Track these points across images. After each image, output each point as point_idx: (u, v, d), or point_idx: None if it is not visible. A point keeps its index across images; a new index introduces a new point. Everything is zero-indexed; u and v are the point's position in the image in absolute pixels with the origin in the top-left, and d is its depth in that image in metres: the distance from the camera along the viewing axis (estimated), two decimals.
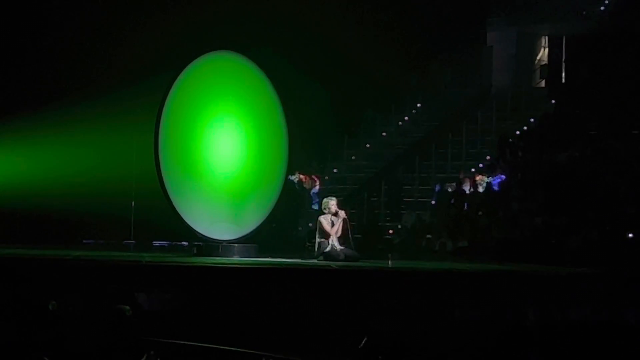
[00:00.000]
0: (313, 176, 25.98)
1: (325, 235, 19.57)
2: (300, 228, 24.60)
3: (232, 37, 22.02)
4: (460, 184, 26.46)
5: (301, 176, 25.30)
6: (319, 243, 19.64)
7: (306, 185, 25.27)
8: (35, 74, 24.40)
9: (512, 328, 13.94)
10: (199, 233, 20.02)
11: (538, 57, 36.26)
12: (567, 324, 14.35)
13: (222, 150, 20.37)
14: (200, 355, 12.32)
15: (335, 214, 19.71)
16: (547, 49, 35.95)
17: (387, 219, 27.61)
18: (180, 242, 22.45)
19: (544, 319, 14.61)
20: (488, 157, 29.18)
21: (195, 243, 20.26)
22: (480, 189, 26.04)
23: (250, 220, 20.71)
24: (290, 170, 22.29)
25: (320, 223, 19.76)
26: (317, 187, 25.58)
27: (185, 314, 14.51)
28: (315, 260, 19.15)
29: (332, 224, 19.61)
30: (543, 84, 35.40)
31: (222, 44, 20.99)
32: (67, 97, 23.79)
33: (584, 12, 34.32)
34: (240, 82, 20.80)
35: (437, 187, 26.99)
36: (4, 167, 23.85)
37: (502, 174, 26.52)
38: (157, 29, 24.22)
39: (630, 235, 21.79)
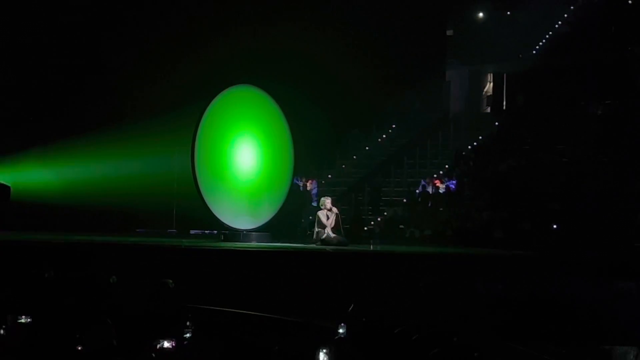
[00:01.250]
0: (313, 180, 25.94)
1: (322, 226, 19.55)
2: (303, 220, 24.53)
3: (251, 74, 22.02)
4: (424, 186, 26.51)
5: (306, 181, 25.24)
6: (317, 232, 19.62)
7: (308, 187, 25.22)
8: (102, 101, 24.42)
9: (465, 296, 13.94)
10: (225, 224, 20.00)
11: (485, 89, 36.22)
12: (506, 294, 14.35)
13: (243, 160, 20.38)
14: (228, 318, 12.31)
15: (330, 210, 19.69)
16: (492, 83, 35.91)
17: (369, 213, 27.54)
18: (211, 230, 22.39)
19: (489, 291, 14.60)
20: (447, 166, 29.16)
21: (223, 231, 20.23)
22: (441, 190, 26.03)
23: (265, 214, 20.69)
24: (295, 176, 22.28)
25: (318, 216, 19.74)
26: (316, 189, 25.53)
27: (214, 286, 14.49)
28: (314, 245, 19.14)
29: (327, 217, 19.59)
30: (489, 110, 35.37)
31: (243, 79, 21.00)
32: (126, 118, 23.83)
33: (520, 55, 34.34)
34: (257, 108, 20.82)
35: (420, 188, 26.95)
36: (76, 173, 23.84)
37: (453, 180, 26.54)
38: (195, 66, 24.23)
39: (555, 226, 21.80)
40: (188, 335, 8.83)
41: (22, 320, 8.58)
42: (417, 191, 26.65)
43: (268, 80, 21.79)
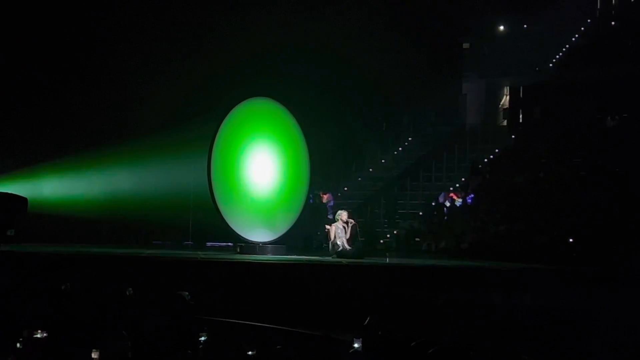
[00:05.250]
0: (329, 193, 25.94)
1: (336, 238, 19.51)
2: (318, 233, 24.52)
3: (267, 87, 22.06)
4: (441, 199, 26.49)
5: (323, 195, 25.25)
6: (333, 245, 19.59)
7: (325, 200, 25.21)
8: (118, 114, 24.55)
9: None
10: (242, 236, 20.00)
11: (501, 102, 36.19)
12: (523, 306, 14.31)
13: (259, 172, 20.37)
14: (244, 330, 12.30)
15: (346, 222, 19.67)
16: (508, 96, 35.88)
17: (385, 226, 27.53)
18: (227, 243, 22.39)
19: (505, 303, 14.56)
20: (463, 179, 29.12)
21: (239, 244, 20.22)
22: (457, 204, 25.97)
23: (281, 227, 20.68)
24: (311, 189, 22.26)
25: (331, 228, 19.73)
26: (332, 202, 25.51)
27: (230, 298, 14.49)
28: (330, 258, 19.11)
29: (345, 230, 19.57)
30: (505, 123, 35.33)
31: (260, 92, 21.03)
32: (142, 130, 23.90)
33: (537, 68, 34.32)
34: (273, 121, 20.82)
35: (441, 199, 26.87)
36: (93, 185, 23.93)
37: (472, 193, 26.47)
38: (210, 78, 24.33)
39: (571, 240, 21.71)
40: (204, 347, 8.82)
41: (38, 335, 8.58)
42: (433, 204, 26.55)
43: (284, 93, 21.81)
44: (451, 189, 27.67)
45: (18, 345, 8.45)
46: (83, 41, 24.35)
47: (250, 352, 8.24)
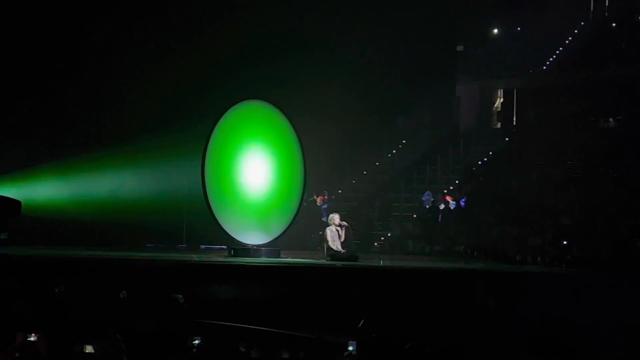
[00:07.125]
0: (324, 196, 25.94)
1: (331, 241, 19.52)
2: (312, 236, 24.49)
3: (262, 89, 22.06)
4: (435, 202, 26.49)
5: (317, 197, 25.24)
6: (327, 247, 19.58)
7: (318, 203, 25.19)
8: (112, 117, 24.51)
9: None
10: (236, 239, 19.97)
11: (495, 105, 36.20)
12: (517, 308, 14.34)
13: (253, 175, 20.34)
14: (238, 333, 12.29)
15: (340, 226, 19.67)
16: (502, 99, 35.92)
17: (379, 228, 27.53)
18: (221, 246, 22.36)
19: (500, 305, 14.59)
20: (457, 182, 29.13)
21: (233, 246, 20.18)
22: (451, 206, 25.97)
23: (275, 230, 20.65)
24: (306, 192, 22.24)
25: (326, 233, 19.73)
26: (326, 204, 25.51)
27: (224, 301, 14.49)
28: (324, 260, 19.10)
29: (338, 233, 19.57)
30: (499, 125, 35.36)
31: (254, 95, 21.02)
32: (136, 133, 23.85)
33: (530, 71, 34.36)
34: (267, 123, 20.79)
35: (426, 196, 26.87)
36: (86, 188, 23.90)
37: (465, 196, 26.47)
38: (207, 81, 24.32)
39: (565, 242, 21.74)
40: (197, 350, 8.82)
41: (32, 339, 8.56)
42: (427, 207, 26.54)
43: (278, 95, 21.79)
44: (445, 191, 27.68)
45: (12, 347, 8.45)
46: (74, 44, 24.30)
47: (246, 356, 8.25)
